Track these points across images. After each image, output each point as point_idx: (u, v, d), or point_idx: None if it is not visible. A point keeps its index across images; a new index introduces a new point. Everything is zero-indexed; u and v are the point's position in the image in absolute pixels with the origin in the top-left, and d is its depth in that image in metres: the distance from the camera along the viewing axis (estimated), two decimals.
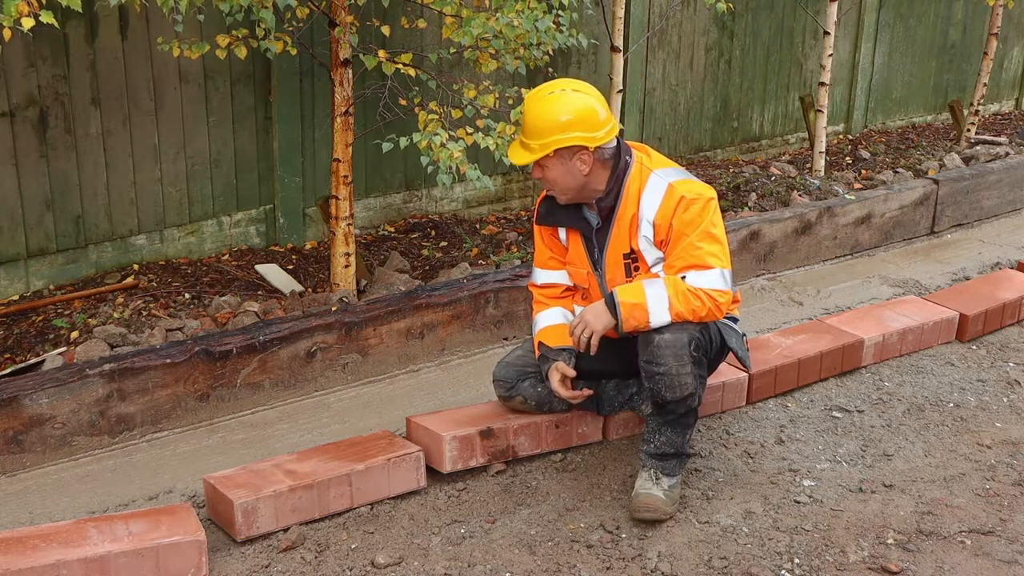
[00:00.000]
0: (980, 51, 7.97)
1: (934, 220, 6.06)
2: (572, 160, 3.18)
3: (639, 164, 3.28)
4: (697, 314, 3.12)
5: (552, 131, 3.14)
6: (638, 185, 3.24)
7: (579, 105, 3.16)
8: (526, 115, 3.21)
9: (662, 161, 3.34)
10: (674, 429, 3.28)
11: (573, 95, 3.18)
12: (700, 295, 3.11)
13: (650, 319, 3.12)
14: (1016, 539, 3.17)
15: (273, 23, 4.01)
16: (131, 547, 2.82)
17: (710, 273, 3.13)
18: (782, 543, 3.13)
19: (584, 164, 3.19)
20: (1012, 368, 4.37)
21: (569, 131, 3.14)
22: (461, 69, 5.38)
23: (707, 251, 3.14)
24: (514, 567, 3.01)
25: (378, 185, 5.48)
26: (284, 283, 4.73)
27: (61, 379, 3.49)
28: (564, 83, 3.25)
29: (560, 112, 3.14)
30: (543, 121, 3.15)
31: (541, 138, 3.16)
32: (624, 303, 3.13)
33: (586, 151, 3.17)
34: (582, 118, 3.15)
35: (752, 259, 5.26)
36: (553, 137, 3.14)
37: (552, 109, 3.16)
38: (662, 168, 3.28)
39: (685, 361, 3.14)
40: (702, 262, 3.13)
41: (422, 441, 3.46)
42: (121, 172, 4.64)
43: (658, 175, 3.24)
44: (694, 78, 6.82)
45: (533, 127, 3.18)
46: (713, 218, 3.18)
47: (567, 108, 3.15)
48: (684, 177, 3.26)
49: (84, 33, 4.38)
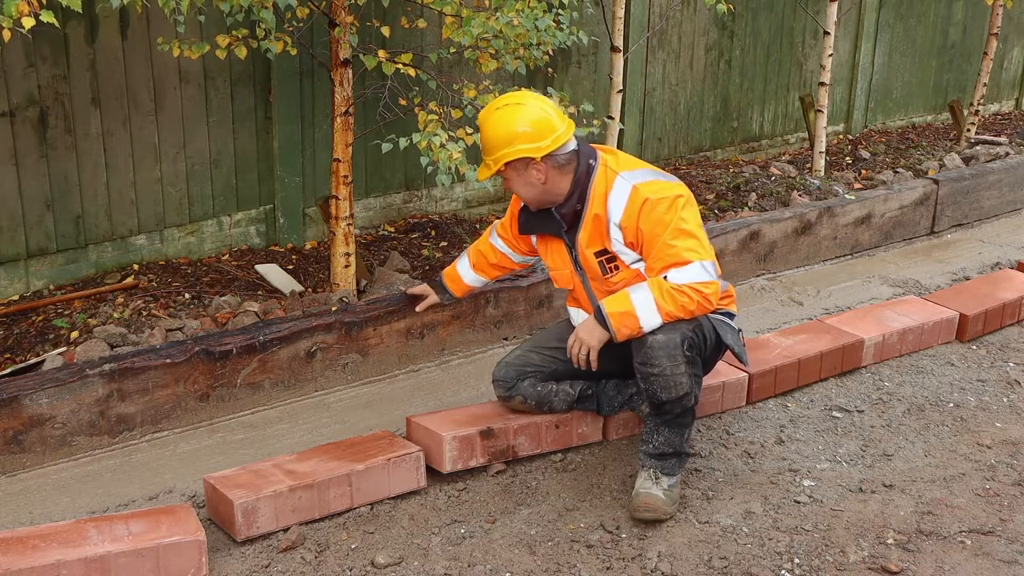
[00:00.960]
0: (980, 51, 7.97)
1: (934, 220, 6.06)
2: (527, 171, 3.25)
3: (604, 166, 3.30)
4: (687, 309, 3.13)
5: (500, 146, 3.22)
6: (604, 187, 3.27)
7: (523, 118, 3.21)
8: (481, 132, 3.30)
9: (629, 163, 3.35)
10: (672, 429, 3.28)
11: (517, 108, 3.23)
12: (685, 290, 3.12)
13: (641, 324, 3.14)
14: (1016, 539, 3.17)
15: (273, 23, 4.01)
16: (131, 547, 2.82)
17: (690, 268, 3.14)
18: (782, 543, 3.13)
19: (539, 173, 3.25)
20: (1012, 368, 4.37)
21: (514, 144, 3.20)
22: (461, 69, 5.38)
23: (682, 247, 3.15)
24: (514, 567, 3.01)
25: (378, 185, 5.48)
26: (284, 283, 4.73)
27: (61, 379, 3.49)
28: (510, 97, 3.30)
29: (505, 127, 3.21)
30: (492, 137, 3.24)
31: (492, 154, 3.25)
32: (612, 314, 3.16)
33: (535, 161, 3.22)
34: (527, 130, 3.20)
35: (752, 259, 5.26)
36: (501, 152, 3.22)
37: (498, 125, 3.23)
38: (628, 170, 3.29)
39: (679, 361, 3.15)
40: (679, 259, 3.14)
41: (422, 441, 3.46)
42: (121, 172, 4.64)
43: (623, 177, 3.26)
44: (694, 78, 6.82)
45: (487, 143, 3.27)
46: (682, 214, 3.19)
47: (512, 122, 3.21)
48: (650, 178, 3.27)
49: (84, 33, 4.38)
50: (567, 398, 3.56)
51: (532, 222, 3.47)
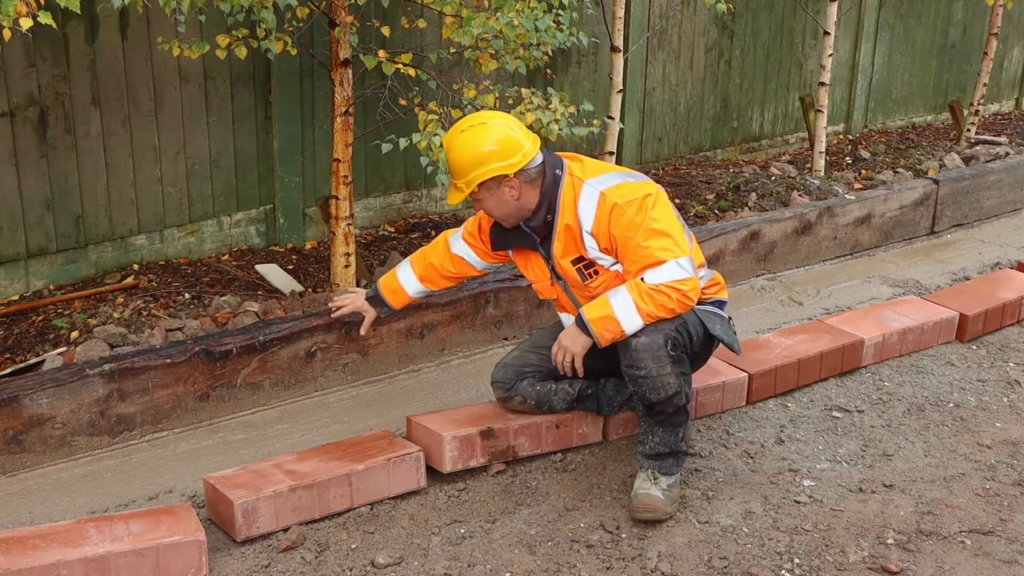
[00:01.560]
0: (980, 51, 7.98)
1: (934, 220, 6.06)
2: (500, 189, 3.24)
3: (570, 175, 3.30)
4: (667, 308, 3.13)
5: (471, 168, 3.21)
6: (572, 196, 3.28)
7: (491, 137, 3.21)
8: (448, 157, 3.28)
9: (595, 168, 3.35)
10: (666, 428, 3.28)
11: (482, 128, 3.23)
12: (663, 289, 3.12)
13: (623, 327, 3.15)
14: (1016, 539, 3.17)
15: (273, 23, 4.01)
16: (131, 547, 2.82)
17: (665, 267, 3.14)
18: (782, 543, 3.13)
19: (512, 189, 3.25)
20: (1012, 368, 4.37)
21: (486, 164, 3.20)
22: (461, 69, 5.38)
23: (655, 247, 3.15)
24: (514, 567, 3.01)
25: (378, 185, 5.48)
26: (284, 283, 4.73)
27: (61, 379, 3.49)
28: (474, 118, 3.30)
29: (474, 147, 3.20)
30: (462, 159, 3.22)
31: (463, 176, 3.23)
32: (593, 320, 3.16)
33: (508, 178, 3.22)
34: (495, 149, 3.20)
35: (752, 259, 5.26)
36: (474, 173, 3.21)
37: (467, 147, 3.21)
38: (595, 176, 3.29)
39: (664, 362, 3.15)
40: (654, 259, 3.14)
41: (422, 441, 3.46)
42: (121, 172, 4.64)
43: (590, 185, 3.26)
44: (694, 78, 6.82)
45: (455, 167, 3.26)
46: (652, 214, 3.18)
47: (480, 142, 3.20)
48: (617, 182, 3.27)
49: (84, 33, 4.39)
50: (566, 397, 3.56)
51: (506, 238, 3.47)
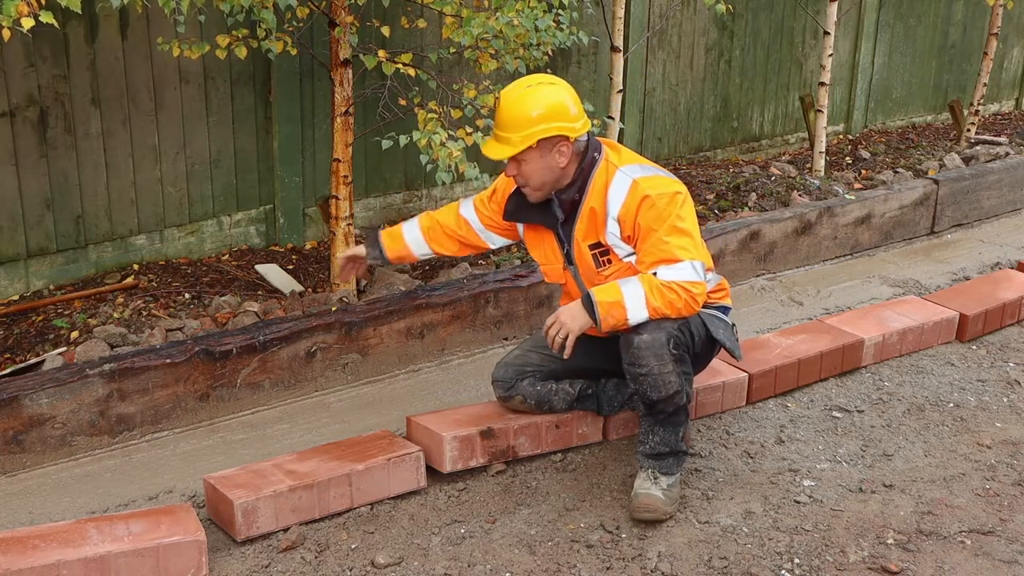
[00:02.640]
0: (980, 51, 7.97)
1: (934, 220, 6.06)
2: (551, 152, 3.20)
3: (606, 160, 3.30)
4: (674, 306, 3.13)
5: (534, 122, 3.16)
6: (604, 180, 3.26)
7: (557, 97, 3.19)
8: (503, 110, 3.22)
9: (630, 157, 3.35)
10: (666, 428, 3.28)
11: (550, 87, 3.22)
12: (674, 287, 3.12)
13: (628, 315, 3.13)
14: (1016, 539, 3.17)
15: (273, 23, 4.01)
16: (131, 547, 2.82)
17: (681, 266, 3.14)
18: (782, 543, 3.13)
19: (563, 156, 3.22)
20: (1012, 368, 4.37)
21: (551, 121, 3.16)
22: (461, 69, 5.38)
23: (675, 245, 3.14)
24: (514, 567, 3.01)
25: (378, 185, 5.48)
26: (284, 283, 4.73)
27: (61, 379, 3.49)
28: (540, 77, 3.27)
29: (540, 104, 3.16)
30: (523, 113, 3.17)
31: (521, 130, 3.17)
32: (601, 302, 3.14)
33: (566, 142, 3.19)
34: (560, 109, 3.18)
35: (752, 259, 5.26)
36: (536, 128, 3.16)
37: (531, 101, 3.17)
38: (629, 164, 3.29)
39: (666, 360, 3.15)
40: (671, 256, 3.14)
41: (422, 441, 3.46)
42: (121, 172, 4.64)
43: (624, 171, 3.25)
44: (694, 78, 6.82)
45: (512, 120, 3.18)
46: (680, 211, 3.18)
47: (546, 99, 3.18)
48: (650, 173, 3.27)
49: (84, 33, 4.38)
50: (567, 397, 3.56)
51: (524, 210, 3.43)
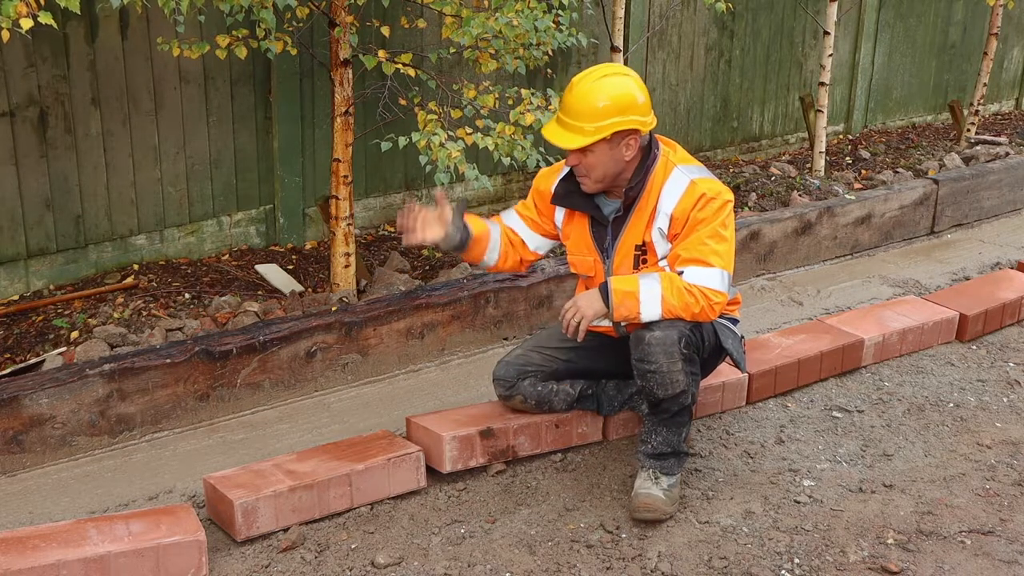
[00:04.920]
0: (980, 51, 7.97)
1: (934, 220, 6.06)
2: (621, 145, 3.17)
3: (665, 157, 3.28)
4: (690, 310, 3.12)
5: (609, 113, 3.11)
6: (662, 178, 3.24)
7: (631, 89, 3.15)
8: (576, 98, 3.14)
9: (686, 157, 3.34)
10: (669, 428, 3.28)
11: (624, 78, 3.16)
12: (695, 292, 3.11)
13: (640, 309, 3.12)
14: (1016, 539, 3.17)
15: (273, 23, 4.01)
16: (131, 547, 2.82)
17: (710, 272, 3.13)
18: (782, 543, 3.13)
19: (630, 150, 3.18)
20: (1012, 368, 4.37)
21: (627, 114, 3.12)
22: (461, 69, 5.38)
23: (712, 249, 3.14)
24: (514, 567, 3.01)
25: (378, 185, 5.48)
26: (284, 283, 4.74)
27: (61, 379, 3.49)
28: (614, 67, 3.23)
29: (615, 94, 3.11)
30: (596, 103, 3.10)
31: (597, 120, 3.11)
32: (616, 290, 3.13)
33: (636, 136, 3.17)
34: (633, 101, 3.13)
35: (752, 259, 5.26)
36: (611, 119, 3.11)
37: (606, 91, 3.11)
38: (686, 164, 3.28)
39: (676, 358, 3.14)
40: (704, 258, 3.13)
41: (422, 441, 3.46)
42: (121, 172, 4.64)
43: (681, 170, 3.24)
44: (694, 78, 6.82)
45: (588, 109, 3.11)
46: (726, 219, 3.18)
47: (621, 90, 3.12)
48: (707, 175, 3.27)
49: (84, 33, 4.38)
50: (567, 398, 3.56)
51: (572, 197, 3.35)
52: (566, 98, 3.19)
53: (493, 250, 3.49)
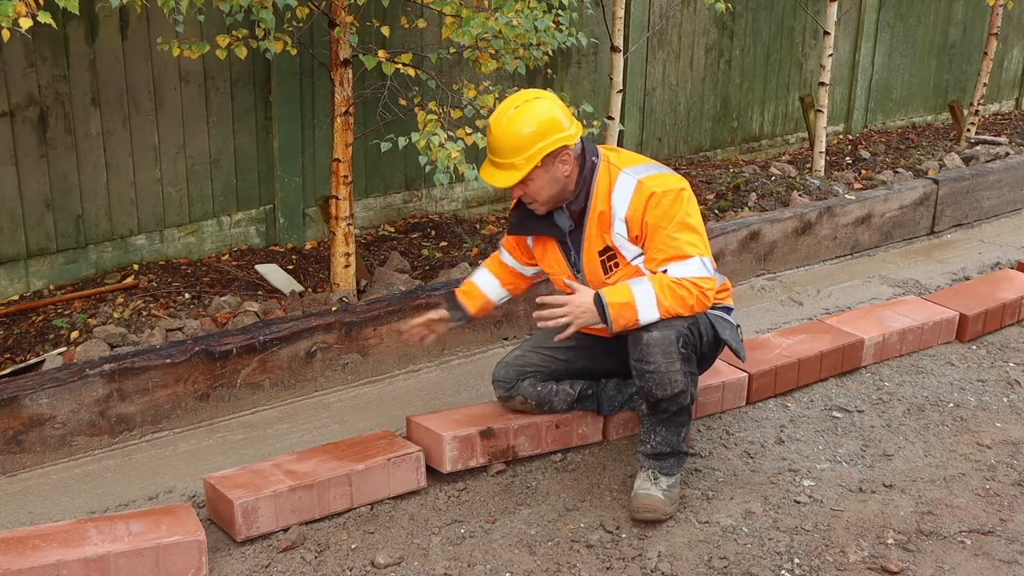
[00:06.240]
0: (980, 51, 7.97)
1: (934, 220, 6.06)
2: (555, 164, 3.21)
3: (606, 163, 3.30)
4: (686, 303, 3.13)
5: (534, 140, 3.15)
6: (607, 184, 3.27)
7: (548, 111, 3.19)
8: (498, 137, 3.19)
9: (631, 159, 3.36)
10: (668, 428, 3.28)
11: (537, 102, 3.21)
12: (685, 284, 3.13)
13: (639, 316, 3.14)
14: (1016, 539, 3.17)
15: (273, 23, 4.01)
16: (131, 547, 2.82)
17: (691, 262, 3.15)
18: (782, 543, 3.13)
19: (566, 165, 3.22)
20: (1012, 368, 4.37)
21: (549, 135, 3.17)
22: (461, 69, 5.38)
23: (684, 241, 3.16)
24: (514, 567, 3.01)
25: (378, 185, 5.48)
26: (284, 283, 4.73)
27: (61, 379, 3.49)
28: (519, 97, 3.26)
29: (533, 122, 3.16)
30: (519, 135, 3.16)
31: (524, 152, 3.16)
32: (612, 304, 3.14)
33: (567, 151, 3.20)
34: (553, 122, 3.18)
35: (752, 259, 5.26)
36: (537, 146, 3.16)
37: (524, 121, 3.16)
38: (631, 165, 3.30)
39: (674, 358, 3.15)
40: (681, 252, 3.15)
41: (422, 441, 3.46)
42: (121, 172, 4.64)
43: (627, 173, 3.26)
44: (694, 78, 6.82)
45: (512, 145, 3.17)
46: (687, 208, 3.19)
47: (539, 116, 3.17)
48: (653, 172, 3.28)
49: (84, 33, 4.38)
50: (567, 398, 3.56)
51: (528, 222, 3.43)
52: (489, 140, 3.24)
53: (500, 296, 3.70)
